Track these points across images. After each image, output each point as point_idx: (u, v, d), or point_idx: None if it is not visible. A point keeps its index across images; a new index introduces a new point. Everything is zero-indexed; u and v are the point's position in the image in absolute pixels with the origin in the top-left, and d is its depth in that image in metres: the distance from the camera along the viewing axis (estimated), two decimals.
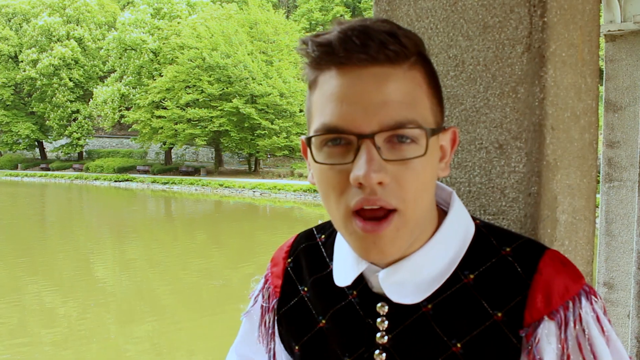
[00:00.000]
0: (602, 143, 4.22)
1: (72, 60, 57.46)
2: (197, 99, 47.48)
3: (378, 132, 0.80)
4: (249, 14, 51.34)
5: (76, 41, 58.22)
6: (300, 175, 45.58)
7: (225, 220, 30.04)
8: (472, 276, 0.91)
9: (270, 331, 1.08)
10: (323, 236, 1.07)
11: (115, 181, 49.93)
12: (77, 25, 59.56)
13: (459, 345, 0.88)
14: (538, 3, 1.14)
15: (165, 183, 46.90)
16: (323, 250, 1.05)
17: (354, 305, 0.97)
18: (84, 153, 61.18)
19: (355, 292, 0.97)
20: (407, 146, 0.82)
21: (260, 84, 46.69)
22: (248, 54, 48.02)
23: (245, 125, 46.79)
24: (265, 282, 1.12)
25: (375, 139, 0.80)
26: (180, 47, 49.25)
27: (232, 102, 46.06)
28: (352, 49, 0.80)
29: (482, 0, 1.19)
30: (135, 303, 13.22)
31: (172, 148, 54.05)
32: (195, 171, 51.27)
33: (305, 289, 1.05)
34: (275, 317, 1.08)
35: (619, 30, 4.16)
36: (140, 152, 59.05)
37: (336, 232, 1.03)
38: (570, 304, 0.86)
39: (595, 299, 0.89)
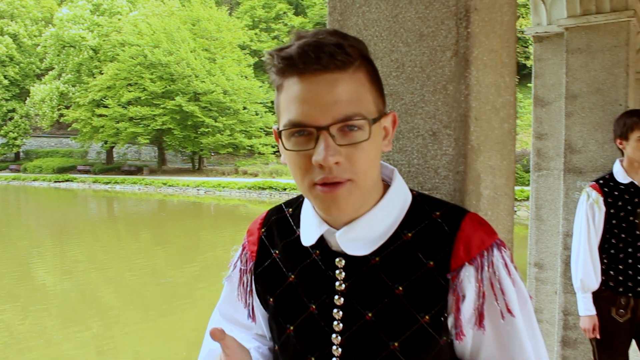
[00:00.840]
0: (531, 135, 4.56)
1: (6, 57, 55.71)
2: (139, 97, 46.71)
3: (332, 124, 1.04)
4: (192, 10, 50.75)
5: (10, 37, 56.44)
6: (245, 173, 45.51)
7: (169, 220, 29.70)
8: (410, 234, 1.15)
9: (248, 289, 1.30)
10: (290, 209, 1.31)
11: (55, 182, 48.56)
12: (12, 20, 57.73)
13: (400, 288, 1.12)
14: (463, 16, 1.39)
15: (107, 183, 45.98)
16: (291, 220, 1.28)
17: (317, 261, 1.20)
18: (21, 153, 59.35)
19: (317, 251, 1.20)
20: (355, 133, 1.06)
21: (204, 82, 46.34)
22: (191, 51, 47.54)
23: (189, 123, 46.36)
24: (243, 250, 1.35)
25: (330, 129, 1.04)
26: (121, 44, 48.42)
27: (175, 100, 45.57)
28: (308, 61, 1.04)
29: (419, 14, 1.44)
30: (78, 306, 12.89)
31: (113, 147, 52.96)
32: (138, 170, 50.42)
33: (277, 252, 1.27)
34: (253, 277, 1.30)
35: (545, 32, 4.51)
36: (80, 151, 57.63)
37: (301, 206, 1.27)
38: (485, 253, 1.12)
39: (505, 250, 1.15)
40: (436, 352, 1.12)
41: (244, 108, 48.36)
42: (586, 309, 3.47)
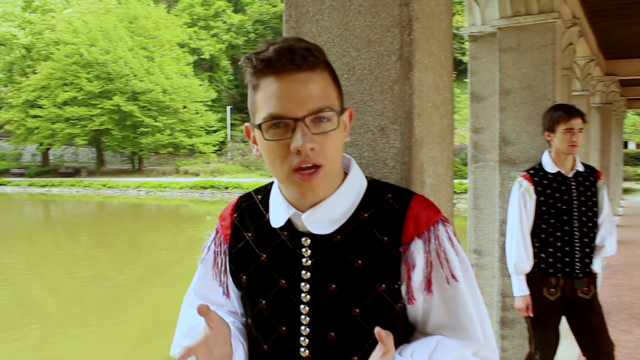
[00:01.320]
0: (469, 129, 4.82)
1: None
2: (76, 97, 45.59)
3: (307, 116, 1.20)
4: (129, 8, 49.78)
5: None
6: (186, 172, 45.06)
7: (109, 222, 29.10)
8: (366, 214, 1.32)
9: (222, 269, 1.45)
10: (259, 196, 1.46)
11: None
12: None
13: (359, 261, 1.29)
14: (407, 24, 1.58)
15: (43, 186, 44.63)
16: (260, 206, 1.43)
17: (285, 241, 1.35)
18: None
19: (286, 232, 1.35)
20: (325, 124, 1.23)
21: (142, 81, 45.64)
22: (129, 50, 46.69)
23: (128, 123, 45.56)
24: (217, 233, 1.49)
25: (305, 120, 1.20)
26: (55, 43, 47.09)
27: (112, 99, 44.72)
28: (285, 62, 1.20)
29: (367, 22, 1.62)
30: (16, 314, 12.51)
31: (49, 149, 51.54)
32: (75, 172, 49.15)
33: (249, 234, 1.42)
34: (227, 258, 1.45)
35: (479, 32, 4.78)
36: (14, 154, 55.75)
37: (269, 193, 1.42)
38: (432, 228, 1.30)
39: (448, 225, 1.34)
40: (392, 317, 1.29)
41: (184, 107, 47.83)
42: (520, 290, 3.74)
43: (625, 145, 48.98)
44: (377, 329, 1.12)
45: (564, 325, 3.81)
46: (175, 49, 51.26)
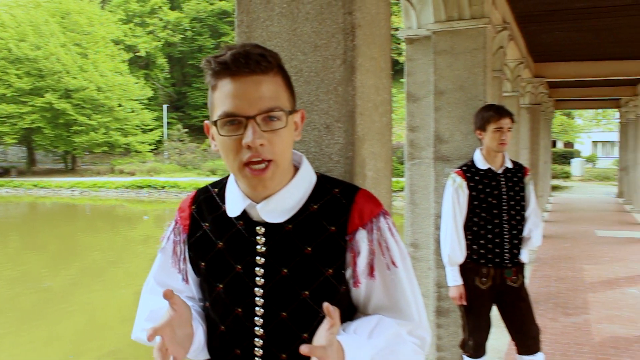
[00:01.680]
0: (405, 128, 5.03)
1: None
2: (5, 94, 43.95)
3: (257, 114, 1.33)
4: (60, 3, 48.27)
5: None
6: (122, 172, 44.20)
7: (42, 223, 28.18)
8: (315, 206, 1.45)
9: (182, 257, 1.56)
10: (216, 189, 1.57)
11: None
12: None
13: (309, 248, 1.42)
14: (350, 32, 1.73)
15: None
16: (217, 198, 1.55)
17: (241, 230, 1.47)
18: None
19: (241, 222, 1.48)
20: (274, 122, 1.35)
21: (75, 78, 44.44)
22: (61, 46, 45.31)
23: (60, 121, 44.29)
24: (176, 224, 1.59)
25: (256, 119, 1.33)
26: None
27: (44, 97, 43.42)
28: (240, 65, 1.32)
29: (313, 29, 1.76)
30: None
31: None
32: (4, 172, 47.35)
33: (207, 224, 1.53)
34: (186, 246, 1.56)
35: (415, 35, 5.00)
36: None
37: (225, 187, 1.53)
38: (374, 220, 1.45)
39: (388, 217, 1.49)
40: (338, 299, 1.43)
41: (120, 105, 46.84)
42: (454, 280, 3.96)
43: (554, 144, 50.91)
44: (325, 304, 1.24)
45: (495, 313, 4.06)
46: (110, 45, 50.12)
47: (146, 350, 1.48)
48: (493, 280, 3.95)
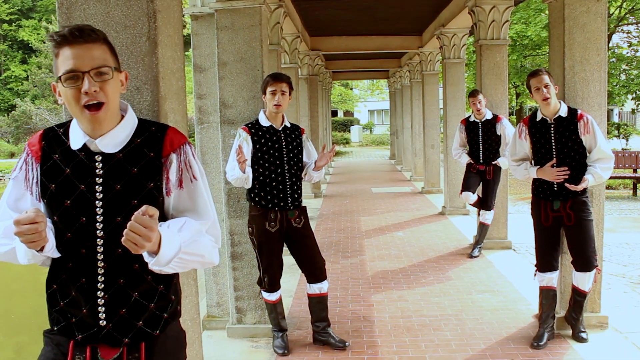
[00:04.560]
0: (194, 95, 5.55)
1: None
2: None
3: (91, 70, 1.84)
4: None
5: None
6: None
7: None
8: (139, 140, 1.99)
9: (34, 181, 1.98)
10: (61, 130, 2.03)
11: None
12: None
13: (135, 169, 1.96)
14: (152, 16, 2.30)
15: None
16: (62, 136, 2.01)
17: (83, 159, 1.95)
18: None
19: (83, 153, 1.96)
20: (104, 76, 1.86)
21: None
22: None
23: None
24: (27, 156, 2.01)
25: (90, 73, 1.84)
26: None
27: None
28: (75, 37, 1.83)
29: (123, 12, 2.31)
30: None
31: None
32: None
33: (57, 156, 1.98)
34: (39, 172, 1.98)
35: (199, 12, 5.49)
36: None
37: (69, 127, 1.99)
38: (182, 146, 2.03)
39: (191, 145, 2.08)
40: (158, 207, 1.95)
41: None
42: (232, 171, 4.51)
43: (336, 113, 54.15)
44: (144, 206, 1.74)
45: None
46: None
47: None
48: (280, 223, 4.65)
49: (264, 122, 4.64)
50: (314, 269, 4.84)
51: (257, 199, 4.65)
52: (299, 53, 12.05)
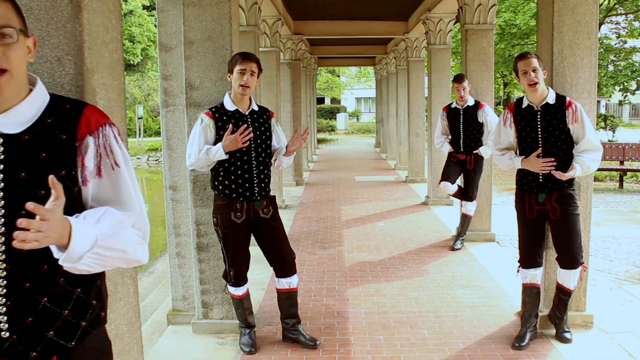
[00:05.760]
0: (159, 76, 5.22)
1: None
2: None
3: None
4: None
5: None
6: None
7: None
8: (49, 120, 1.69)
9: None
10: None
11: None
12: None
13: (44, 154, 1.66)
14: None
15: None
16: None
17: None
18: None
19: None
20: (7, 38, 1.57)
21: None
22: None
23: None
24: None
25: None
26: None
27: None
28: None
29: None
30: None
31: None
32: None
33: None
34: None
35: None
36: None
37: None
38: (101, 128, 1.73)
39: (114, 127, 1.77)
40: (71, 198, 1.69)
41: None
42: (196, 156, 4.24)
43: (323, 101, 53.85)
44: (50, 176, 1.49)
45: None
46: None
47: None
48: (247, 214, 4.35)
49: (229, 106, 4.31)
50: (282, 263, 4.55)
51: (221, 187, 4.34)
52: (280, 37, 11.69)
